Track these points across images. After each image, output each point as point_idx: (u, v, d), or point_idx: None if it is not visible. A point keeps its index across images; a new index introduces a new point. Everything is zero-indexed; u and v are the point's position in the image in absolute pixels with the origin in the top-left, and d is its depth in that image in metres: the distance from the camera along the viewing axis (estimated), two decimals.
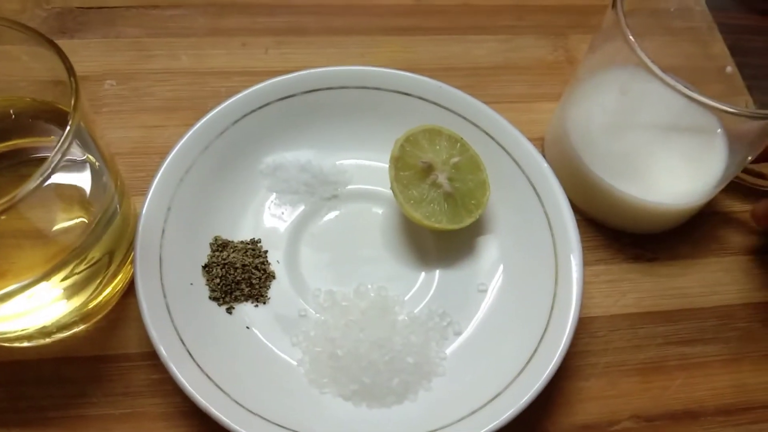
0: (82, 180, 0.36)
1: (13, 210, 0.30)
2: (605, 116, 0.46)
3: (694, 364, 0.43)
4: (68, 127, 0.31)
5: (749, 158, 0.43)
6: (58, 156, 0.30)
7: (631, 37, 0.39)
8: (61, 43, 0.33)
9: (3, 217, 0.29)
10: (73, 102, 0.32)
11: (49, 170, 0.30)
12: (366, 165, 0.46)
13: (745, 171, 0.47)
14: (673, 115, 0.44)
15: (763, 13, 0.48)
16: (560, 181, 0.43)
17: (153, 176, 0.41)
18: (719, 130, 0.44)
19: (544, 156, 0.44)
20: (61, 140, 0.30)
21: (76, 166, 0.35)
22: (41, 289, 0.35)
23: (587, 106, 0.46)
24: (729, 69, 0.50)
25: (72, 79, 0.32)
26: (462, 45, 0.55)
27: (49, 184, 0.30)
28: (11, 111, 0.38)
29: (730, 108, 0.37)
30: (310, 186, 0.45)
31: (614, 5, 0.40)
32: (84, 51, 0.51)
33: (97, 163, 0.36)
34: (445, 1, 0.58)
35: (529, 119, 0.50)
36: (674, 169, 0.45)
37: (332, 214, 0.45)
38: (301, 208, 0.45)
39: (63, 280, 0.36)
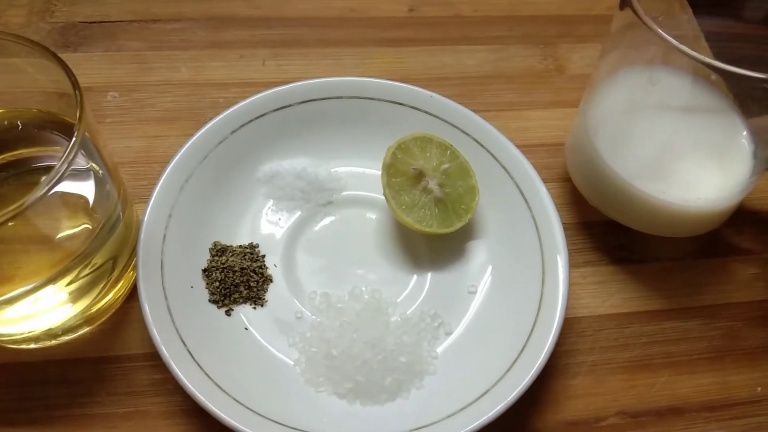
0: (87, 188, 0.37)
1: (21, 217, 0.31)
2: (627, 117, 0.46)
3: (678, 362, 0.44)
4: (74, 138, 0.32)
5: None
6: (65, 165, 0.31)
7: (660, 31, 0.38)
8: (65, 56, 0.34)
9: (11, 224, 0.30)
10: (78, 114, 0.33)
11: (56, 179, 0.31)
12: (360, 172, 0.48)
13: None
14: (697, 116, 0.44)
15: (749, 21, 0.49)
16: (583, 186, 0.43)
17: (154, 184, 0.42)
18: (744, 132, 0.44)
19: (532, 164, 0.45)
20: (67, 150, 0.32)
21: (80, 174, 0.36)
22: (47, 293, 0.36)
23: (607, 109, 0.46)
24: (713, 77, 0.51)
25: (77, 92, 0.34)
26: (453, 55, 0.57)
27: (55, 192, 0.31)
28: (18, 122, 0.39)
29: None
30: (305, 193, 0.46)
31: (623, 5, 0.41)
32: (87, 64, 0.53)
33: (100, 172, 0.38)
34: (436, 12, 0.59)
35: (519, 126, 0.52)
36: (699, 171, 0.45)
37: (327, 220, 0.46)
38: (298, 214, 0.46)
39: (68, 284, 0.37)
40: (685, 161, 0.45)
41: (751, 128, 0.43)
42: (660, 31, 0.38)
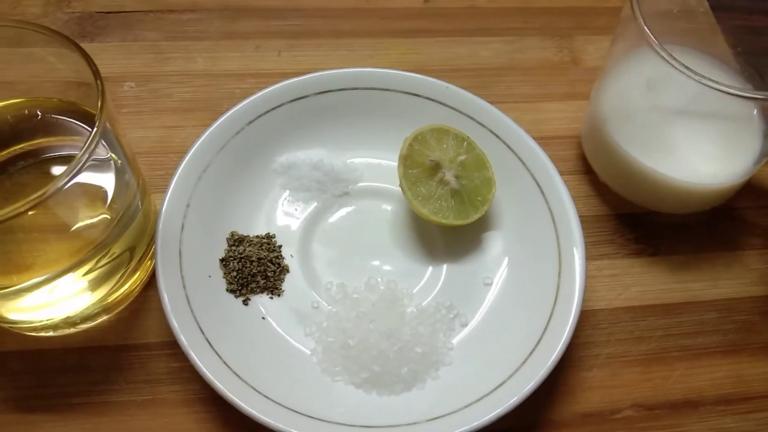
0: (107, 178, 0.37)
1: (41, 206, 0.31)
2: (639, 100, 0.46)
3: (694, 355, 0.44)
4: (95, 128, 0.32)
5: None
6: (86, 155, 0.31)
7: (653, 38, 0.40)
8: (81, 46, 0.34)
9: (31, 213, 0.31)
10: (99, 104, 0.33)
11: (77, 169, 0.31)
12: (376, 163, 0.48)
13: None
14: (702, 99, 0.44)
15: (765, 13, 0.48)
16: (599, 170, 0.44)
17: (172, 175, 0.42)
18: (755, 112, 0.44)
19: (548, 156, 0.45)
20: (89, 140, 0.32)
21: (100, 164, 0.36)
22: (65, 282, 0.37)
23: (620, 94, 0.46)
24: (723, 56, 0.50)
25: (98, 81, 0.34)
26: (468, 46, 0.57)
27: (75, 182, 0.32)
28: (38, 111, 0.39)
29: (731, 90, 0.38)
30: (322, 184, 0.46)
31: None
32: (104, 54, 0.53)
33: (119, 162, 0.38)
34: (451, 3, 0.59)
35: (534, 118, 0.52)
36: (711, 149, 0.46)
37: (343, 211, 0.46)
38: (314, 204, 0.46)
39: (86, 273, 0.37)
40: (693, 140, 0.46)
41: (761, 108, 0.44)
42: (646, 29, 0.40)
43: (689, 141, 0.46)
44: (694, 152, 0.46)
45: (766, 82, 0.47)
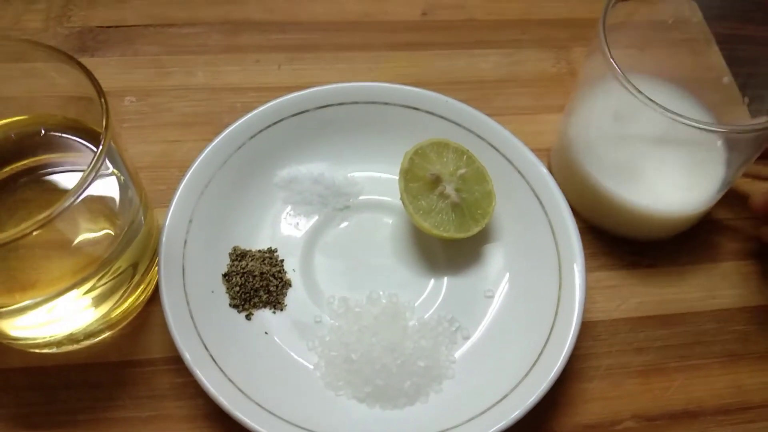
0: (110, 194, 0.37)
1: (47, 225, 0.31)
2: (605, 126, 0.47)
3: (693, 365, 0.45)
4: (100, 147, 0.32)
5: (746, 165, 0.45)
6: (93, 174, 0.32)
7: (611, 60, 0.40)
8: (81, 60, 0.34)
9: (36, 232, 0.31)
10: (105, 122, 0.33)
11: (84, 187, 0.31)
12: (376, 177, 0.48)
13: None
14: (668, 128, 0.45)
15: (759, 23, 0.49)
16: (564, 189, 0.45)
17: (174, 190, 0.43)
18: (719, 143, 0.45)
19: (549, 166, 0.45)
20: (95, 159, 0.32)
21: (104, 181, 0.37)
22: (68, 299, 0.37)
23: (588, 116, 0.47)
24: (726, 79, 0.51)
25: (102, 100, 0.34)
26: (466, 59, 0.57)
27: (80, 200, 0.32)
28: (41, 128, 0.40)
29: (694, 123, 0.39)
30: (323, 197, 0.47)
31: (601, 22, 0.42)
32: (104, 68, 0.53)
33: (122, 178, 0.38)
34: (450, 16, 0.60)
35: (533, 131, 0.52)
36: (675, 177, 0.47)
37: (345, 224, 0.47)
38: (315, 218, 0.46)
39: (89, 290, 0.37)
40: (658, 168, 0.46)
41: (724, 138, 0.44)
42: (612, 61, 0.40)
43: (654, 168, 0.46)
44: (658, 179, 0.46)
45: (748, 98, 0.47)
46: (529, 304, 0.43)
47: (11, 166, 0.39)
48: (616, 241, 0.49)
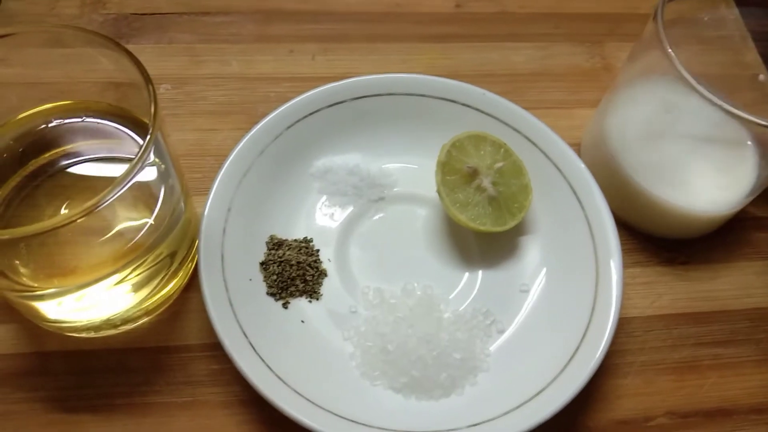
0: (152, 182, 0.37)
1: (92, 213, 0.31)
2: (643, 125, 0.47)
3: (726, 364, 0.45)
4: (149, 134, 0.33)
5: None
6: (141, 163, 0.32)
7: (669, 50, 0.40)
8: None
9: (80, 219, 0.31)
10: (153, 110, 0.33)
11: (132, 176, 0.31)
12: (411, 169, 0.48)
13: None
14: (708, 126, 0.45)
15: None
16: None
17: (213, 178, 0.43)
18: (749, 142, 0.45)
19: (587, 166, 0.45)
20: (144, 146, 0.32)
21: (147, 169, 0.37)
22: (107, 285, 0.37)
23: (626, 114, 0.47)
24: (762, 77, 0.51)
25: (150, 87, 0.34)
26: (499, 52, 0.57)
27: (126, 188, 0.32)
28: (83, 114, 0.40)
29: (760, 120, 0.38)
30: (358, 188, 0.47)
31: (655, 17, 0.42)
32: (139, 56, 0.51)
33: (163, 166, 0.38)
34: (483, 8, 0.59)
35: (567, 125, 0.52)
36: (709, 177, 0.46)
37: (379, 216, 0.47)
38: (350, 209, 0.46)
39: (128, 276, 0.38)
40: (695, 167, 0.46)
41: (755, 136, 0.44)
42: (673, 56, 0.40)
43: (692, 168, 0.46)
44: (697, 179, 0.46)
45: None
46: (565, 299, 0.42)
47: (51, 152, 0.40)
48: (650, 237, 0.48)
